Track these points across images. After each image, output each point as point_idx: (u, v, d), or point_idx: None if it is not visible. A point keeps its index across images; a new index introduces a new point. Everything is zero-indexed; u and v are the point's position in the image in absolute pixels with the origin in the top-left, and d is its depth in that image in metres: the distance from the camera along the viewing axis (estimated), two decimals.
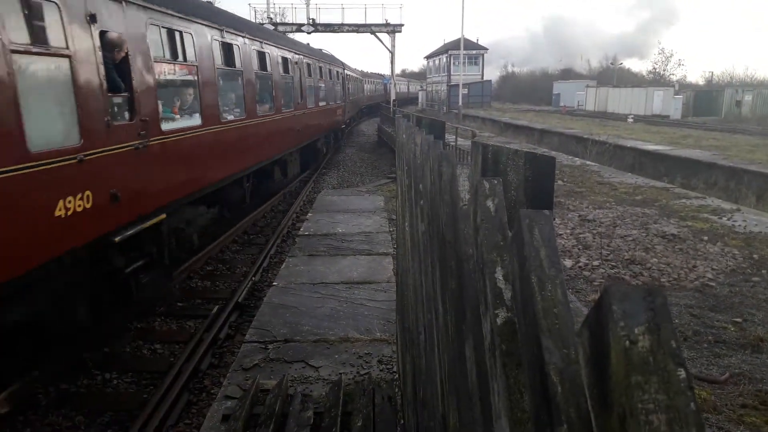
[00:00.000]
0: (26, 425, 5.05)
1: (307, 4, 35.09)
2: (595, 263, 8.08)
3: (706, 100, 57.06)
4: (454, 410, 1.48)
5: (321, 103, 20.50)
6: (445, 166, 1.73)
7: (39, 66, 5.26)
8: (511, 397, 0.85)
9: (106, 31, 6.20)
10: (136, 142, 6.73)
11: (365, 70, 50.74)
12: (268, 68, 13.02)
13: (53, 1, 5.31)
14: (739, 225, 10.15)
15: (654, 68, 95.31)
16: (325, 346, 5.60)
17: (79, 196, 5.61)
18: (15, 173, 4.76)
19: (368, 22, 35.64)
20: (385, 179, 17.36)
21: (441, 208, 1.77)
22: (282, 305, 6.62)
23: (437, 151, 1.97)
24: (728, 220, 10.59)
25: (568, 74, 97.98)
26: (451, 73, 66.05)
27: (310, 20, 34.62)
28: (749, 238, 9.29)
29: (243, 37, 11.20)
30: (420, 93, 75.62)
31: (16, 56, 4.80)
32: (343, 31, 36.03)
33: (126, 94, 6.65)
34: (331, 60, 25.03)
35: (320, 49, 24.51)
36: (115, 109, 6.45)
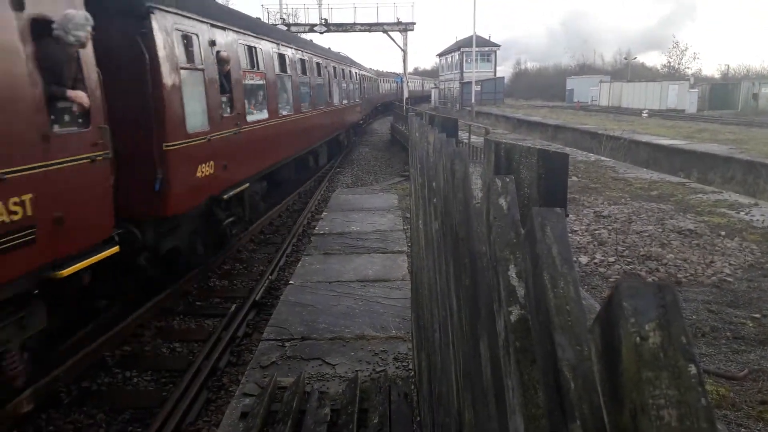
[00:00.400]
0: (49, 423, 5.13)
1: (320, 5, 35.18)
2: (611, 259, 8.03)
3: (722, 94, 56.28)
4: (470, 407, 1.49)
5: (344, 102, 23.11)
6: (458, 164, 1.74)
7: (190, 77, 7.79)
8: (526, 394, 0.86)
9: (219, 51, 8.76)
10: (234, 129, 9.32)
11: (380, 70, 51.11)
12: (307, 72, 15.88)
13: (195, 33, 8.00)
14: (757, 219, 10.02)
15: (669, 62, 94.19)
16: (342, 343, 5.62)
17: (207, 164, 8.19)
18: (182, 146, 7.37)
19: (380, 21, 35.64)
20: (399, 177, 17.35)
21: (454, 206, 1.78)
22: (299, 303, 6.66)
23: (450, 149, 1.98)
24: (746, 214, 10.47)
25: (585, 70, 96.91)
26: (464, 70, 65.84)
27: (323, 20, 34.68)
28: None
29: (291, 48, 14.06)
30: (433, 91, 75.41)
31: (181, 71, 7.41)
32: (355, 31, 36.08)
33: (228, 95, 9.15)
34: (351, 62, 27.62)
35: (338, 52, 26.18)
36: (223, 105, 8.93)
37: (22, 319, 4.95)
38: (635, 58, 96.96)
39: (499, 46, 73.96)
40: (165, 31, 7.07)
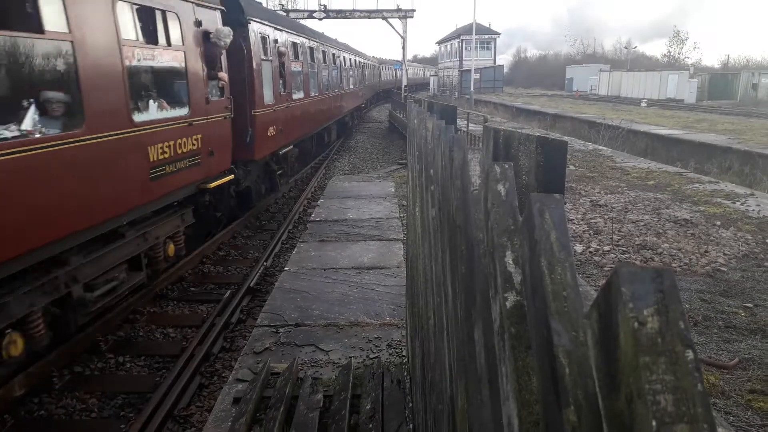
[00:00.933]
0: (41, 407, 5.14)
1: None
2: (606, 248, 8.04)
3: (721, 84, 56.25)
4: (463, 393, 1.49)
5: (351, 87, 26.80)
6: (457, 151, 1.73)
7: (265, 65, 11.47)
8: (520, 380, 0.86)
9: (279, 47, 12.52)
10: (286, 104, 13.04)
11: (381, 57, 51.53)
12: (327, 61, 19.82)
13: (267, 35, 11.62)
14: (753, 210, 10.05)
15: (669, 51, 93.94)
16: (336, 330, 5.63)
17: (273, 127, 11.83)
18: (262, 112, 11.09)
19: (380, 7, 35.36)
20: (396, 165, 17.33)
21: (452, 192, 1.77)
22: (293, 290, 6.66)
23: (449, 135, 1.96)
24: (742, 204, 10.50)
25: (587, 58, 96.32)
26: (463, 58, 65.56)
27: (322, 6, 34.39)
28: (763, 222, 9.20)
29: (316, 41, 17.87)
30: (431, 79, 75.17)
31: (262, 62, 11.11)
32: (354, 17, 35.77)
33: (283, 78, 12.76)
34: (356, 52, 30.82)
35: (344, 42, 27.80)
36: (280, 86, 12.53)
37: (183, 215, 7.98)
38: (635, 47, 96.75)
39: (500, 34, 73.72)
40: (254, 34, 10.76)
